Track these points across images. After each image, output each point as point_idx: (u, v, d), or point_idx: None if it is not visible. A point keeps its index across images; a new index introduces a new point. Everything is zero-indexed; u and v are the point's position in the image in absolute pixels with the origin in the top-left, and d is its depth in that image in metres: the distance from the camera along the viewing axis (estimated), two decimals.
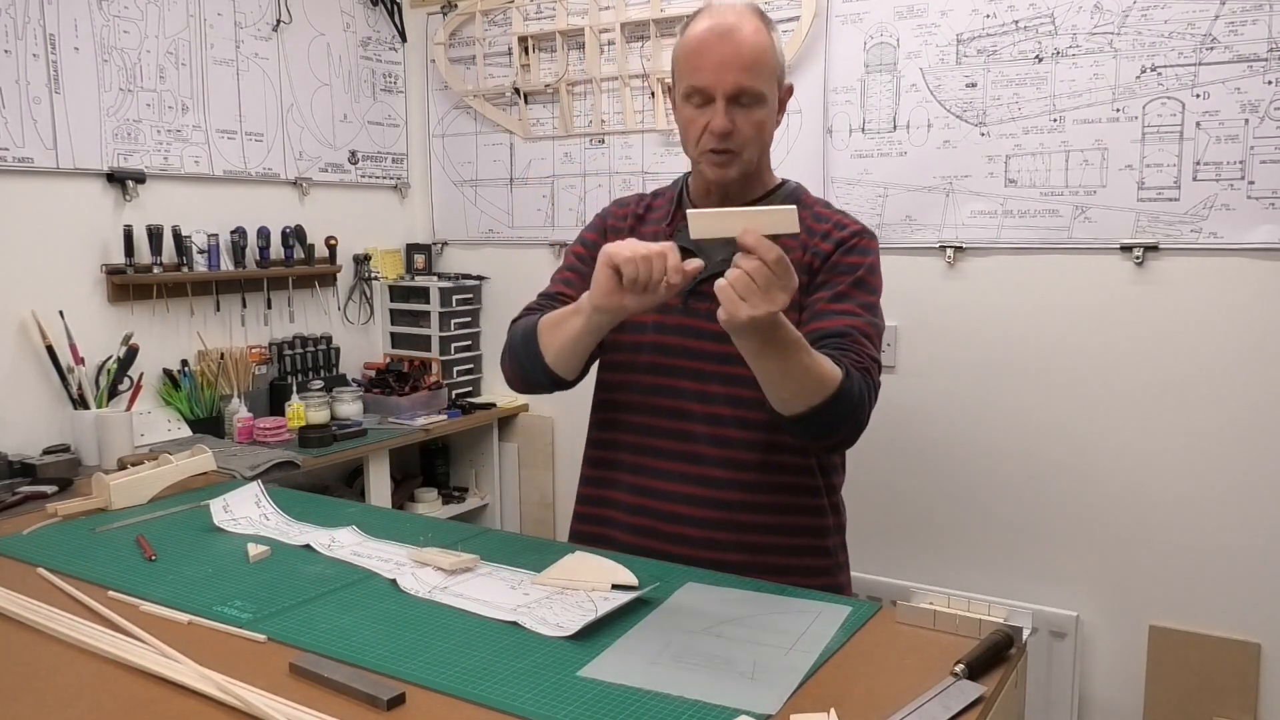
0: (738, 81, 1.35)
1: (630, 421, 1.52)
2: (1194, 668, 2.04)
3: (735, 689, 0.98)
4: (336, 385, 2.72)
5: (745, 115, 1.37)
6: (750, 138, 1.39)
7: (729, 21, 1.37)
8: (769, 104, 1.39)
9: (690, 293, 1.39)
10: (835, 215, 1.48)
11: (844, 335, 1.36)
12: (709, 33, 1.37)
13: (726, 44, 1.36)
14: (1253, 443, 1.98)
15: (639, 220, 1.56)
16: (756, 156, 1.43)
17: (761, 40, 1.37)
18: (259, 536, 1.49)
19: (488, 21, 2.90)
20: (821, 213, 1.48)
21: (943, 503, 2.32)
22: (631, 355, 1.51)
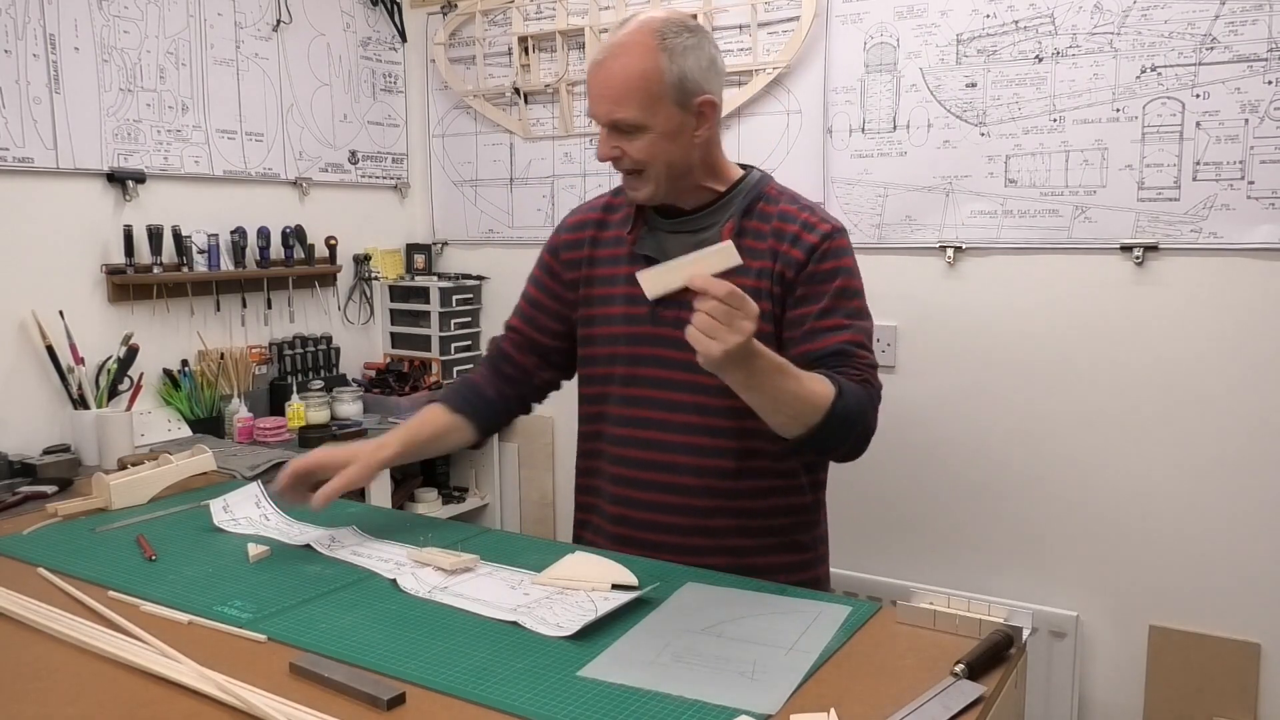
0: (609, 113, 1.37)
1: (609, 433, 1.54)
2: (1194, 668, 2.04)
3: (735, 689, 0.98)
4: (336, 385, 2.72)
5: (629, 142, 1.38)
6: (642, 161, 1.39)
7: (612, 45, 1.38)
8: (653, 130, 1.37)
9: (658, 302, 1.40)
10: (802, 215, 1.44)
11: (838, 354, 1.38)
12: (593, 62, 1.40)
13: (598, 74, 1.38)
14: (1253, 442, 1.98)
15: (599, 229, 1.55)
16: (664, 177, 1.41)
17: (637, 67, 1.35)
18: (259, 536, 1.49)
19: (488, 21, 2.90)
20: (787, 211, 1.45)
21: (942, 503, 2.32)
22: (606, 368, 1.52)
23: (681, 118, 1.38)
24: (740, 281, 1.37)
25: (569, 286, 1.56)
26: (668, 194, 1.44)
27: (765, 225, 1.44)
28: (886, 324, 2.32)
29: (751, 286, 1.38)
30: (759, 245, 1.42)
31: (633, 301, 1.46)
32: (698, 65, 1.38)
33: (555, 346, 1.60)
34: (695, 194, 1.46)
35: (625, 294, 1.48)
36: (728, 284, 1.13)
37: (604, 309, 1.51)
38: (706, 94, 1.39)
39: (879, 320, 1.62)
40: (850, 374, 1.36)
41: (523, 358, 1.61)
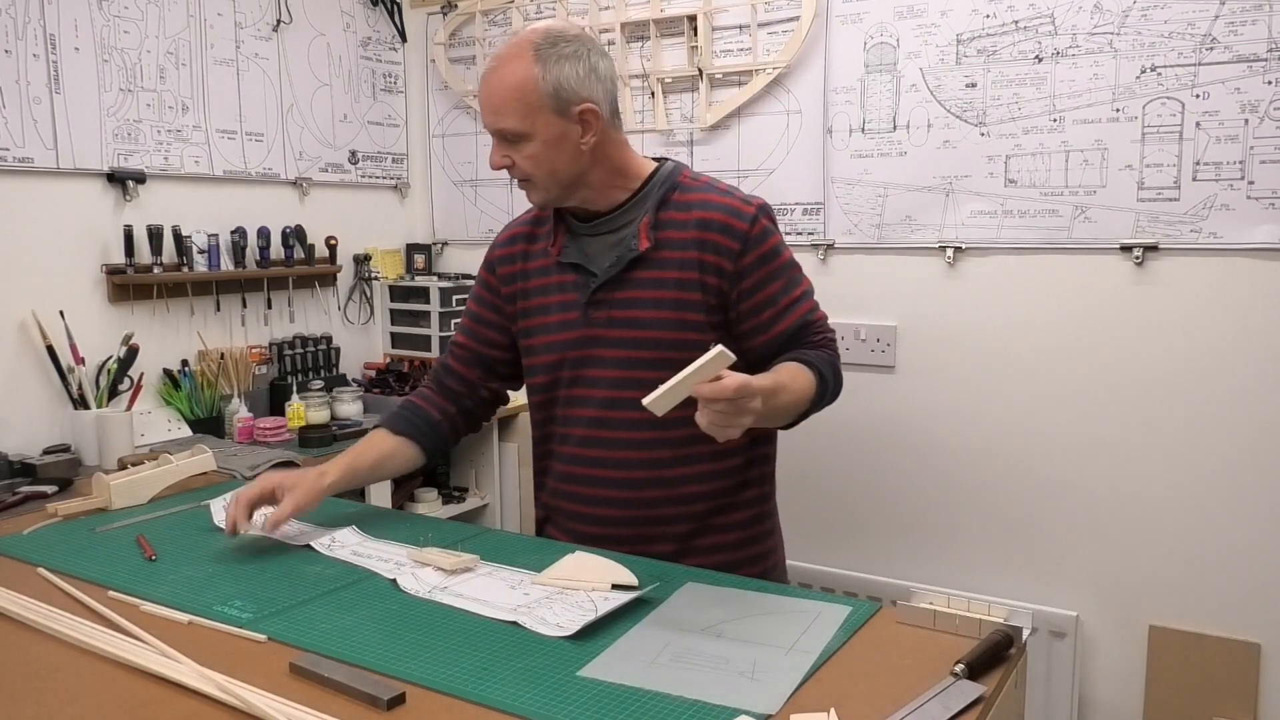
0: (492, 123, 1.42)
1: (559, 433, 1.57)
2: (1194, 668, 2.04)
3: (735, 689, 0.98)
4: (337, 385, 2.72)
5: (516, 151, 1.42)
6: (529, 171, 1.43)
7: (492, 59, 1.43)
8: (535, 138, 1.40)
9: (588, 303, 1.47)
10: (723, 200, 1.47)
11: (803, 327, 1.47)
12: (483, 74, 1.44)
13: (485, 86, 1.42)
14: (1253, 442, 1.98)
15: (529, 242, 1.59)
16: (553, 184, 1.44)
17: (514, 78, 1.39)
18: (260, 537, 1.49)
19: (488, 21, 2.90)
20: (708, 199, 1.47)
21: (942, 502, 2.32)
22: (550, 374, 1.55)
23: (563, 126, 1.41)
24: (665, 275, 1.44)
25: (507, 300, 1.59)
26: (564, 198, 1.47)
27: (684, 214, 1.46)
28: (886, 324, 2.32)
29: (675, 278, 1.44)
30: (682, 235, 1.45)
31: (566, 308, 1.51)
32: (574, 74, 1.40)
33: (499, 358, 1.63)
34: (605, 195, 1.49)
35: (559, 302, 1.52)
36: (732, 383, 1.14)
37: (541, 319, 1.55)
38: (586, 101, 1.41)
39: (879, 320, 1.63)
40: (815, 340, 1.47)
41: (468, 371, 1.64)
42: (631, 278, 1.46)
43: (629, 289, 1.46)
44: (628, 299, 1.46)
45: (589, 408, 1.51)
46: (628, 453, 1.49)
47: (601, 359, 1.49)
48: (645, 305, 1.45)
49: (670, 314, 1.44)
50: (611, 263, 1.47)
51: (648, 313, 1.45)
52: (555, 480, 1.58)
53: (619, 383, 1.47)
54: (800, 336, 1.47)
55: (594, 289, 1.48)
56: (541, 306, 1.55)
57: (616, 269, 1.46)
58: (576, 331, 1.50)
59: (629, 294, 1.46)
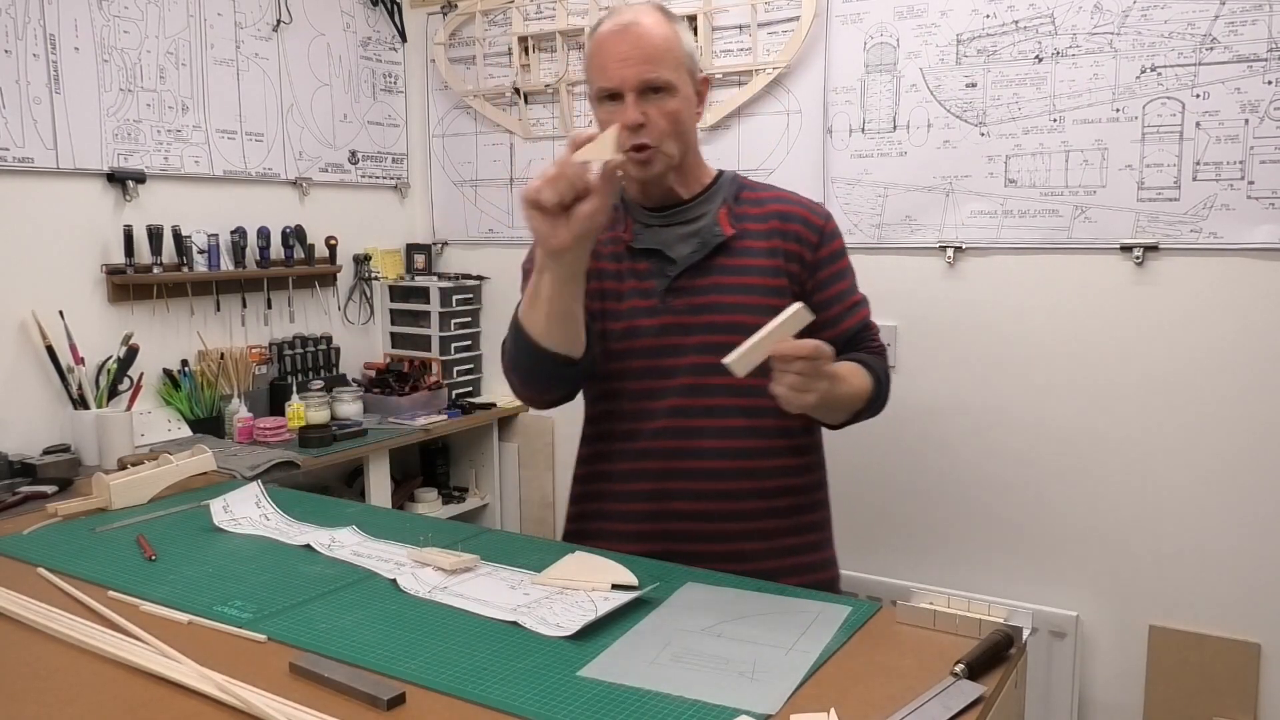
0: (641, 74, 1.36)
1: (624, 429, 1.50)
2: (1194, 668, 2.04)
3: (735, 689, 0.98)
4: (336, 385, 2.72)
5: (656, 106, 1.38)
6: (665, 130, 1.39)
7: (626, 19, 1.40)
8: (680, 92, 1.39)
9: (666, 290, 1.44)
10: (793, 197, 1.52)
11: (864, 328, 1.51)
12: (609, 34, 1.40)
13: (626, 39, 1.38)
14: (1253, 442, 1.98)
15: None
16: (679, 150, 1.42)
17: (662, 31, 1.39)
18: (260, 537, 1.49)
19: (488, 21, 2.90)
20: (779, 194, 1.52)
21: (942, 502, 2.32)
22: (620, 363, 1.48)
23: (692, 90, 1.42)
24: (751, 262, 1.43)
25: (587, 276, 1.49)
26: (675, 170, 1.45)
27: (759, 208, 1.48)
28: (886, 324, 2.31)
29: (760, 265, 1.44)
30: (762, 226, 1.46)
31: (643, 295, 1.47)
32: (693, 45, 1.43)
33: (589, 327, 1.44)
34: (687, 182, 1.48)
35: (632, 288, 1.48)
36: (809, 343, 1.16)
37: (613, 304, 1.49)
38: (703, 72, 1.42)
39: (879, 320, 1.63)
40: (871, 346, 1.51)
41: None
42: (714, 264, 1.44)
43: (712, 275, 1.44)
44: (711, 285, 1.44)
45: (668, 397, 1.45)
46: (713, 441, 1.44)
47: (681, 346, 1.44)
48: (730, 290, 1.43)
49: (758, 299, 1.41)
50: (693, 249, 1.45)
51: (733, 298, 1.42)
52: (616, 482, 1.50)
53: (703, 369, 1.41)
54: (861, 338, 1.50)
55: (674, 276, 1.44)
56: (615, 291, 1.49)
57: (699, 255, 1.44)
58: (655, 319, 1.45)
59: (712, 280, 1.44)
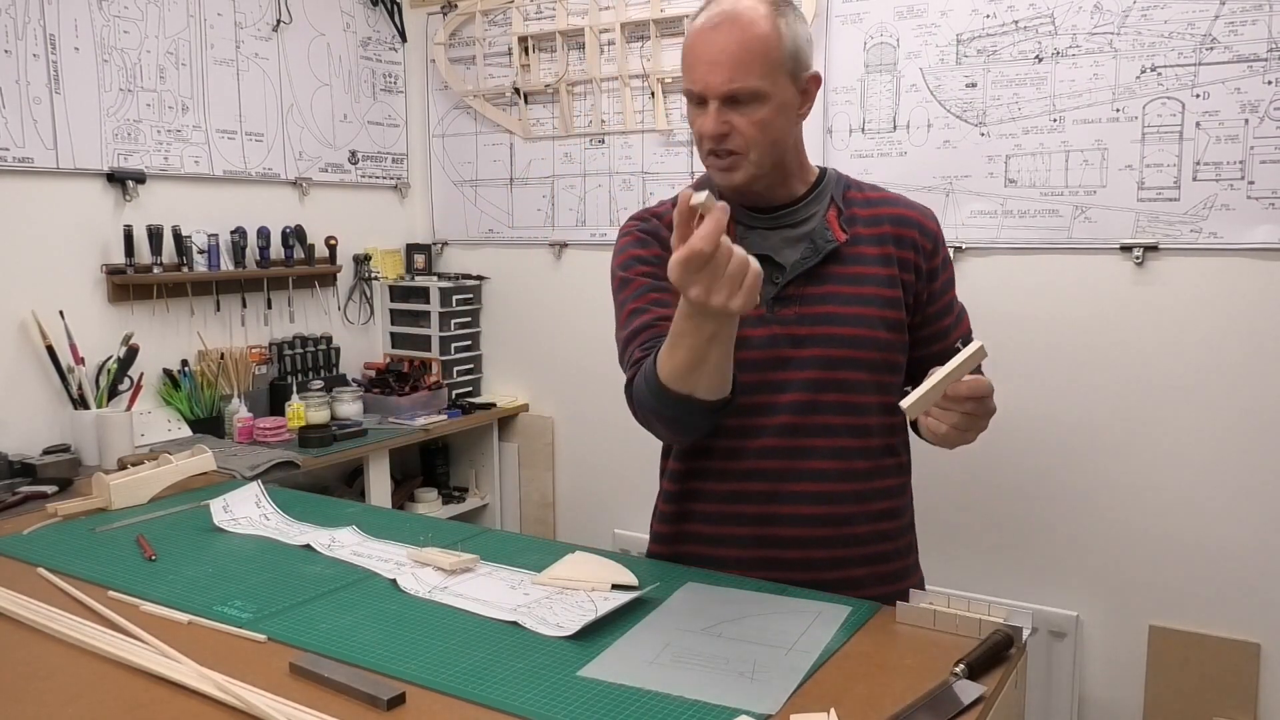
0: (727, 81, 1.24)
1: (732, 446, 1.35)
2: (1194, 668, 2.04)
3: (735, 689, 0.98)
4: (336, 385, 2.72)
5: (744, 116, 1.26)
6: (753, 139, 1.27)
7: (724, 12, 1.25)
8: (771, 100, 1.25)
9: (775, 299, 1.32)
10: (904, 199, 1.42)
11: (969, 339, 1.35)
12: (702, 29, 1.27)
13: (715, 40, 1.25)
14: (1252, 442, 1.98)
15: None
16: (768, 158, 1.29)
17: (757, 31, 1.24)
18: (260, 537, 1.49)
19: (488, 21, 2.90)
20: (888, 196, 1.41)
21: (942, 502, 2.32)
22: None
23: (793, 92, 1.29)
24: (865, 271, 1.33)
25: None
26: (763, 180, 1.32)
27: (870, 211, 1.37)
28: None
29: (875, 274, 1.33)
30: (876, 231, 1.35)
31: None
32: (806, 37, 1.29)
33: None
34: (788, 184, 1.36)
35: None
36: (982, 383, 1.13)
37: None
38: (813, 69, 1.31)
39: None
40: None
41: None
42: (825, 272, 1.32)
43: (825, 284, 1.32)
44: (824, 294, 1.32)
45: (778, 414, 1.32)
46: (824, 462, 1.33)
47: (793, 359, 1.32)
48: (845, 301, 1.32)
49: (874, 311, 1.32)
50: (804, 255, 1.33)
51: (850, 309, 1.32)
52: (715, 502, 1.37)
53: (816, 384, 1.31)
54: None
55: (784, 284, 1.32)
56: None
57: (811, 262, 1.32)
58: (760, 330, 1.31)
59: (826, 289, 1.32)
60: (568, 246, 2.86)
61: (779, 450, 1.33)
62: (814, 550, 1.34)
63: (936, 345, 1.38)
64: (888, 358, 1.35)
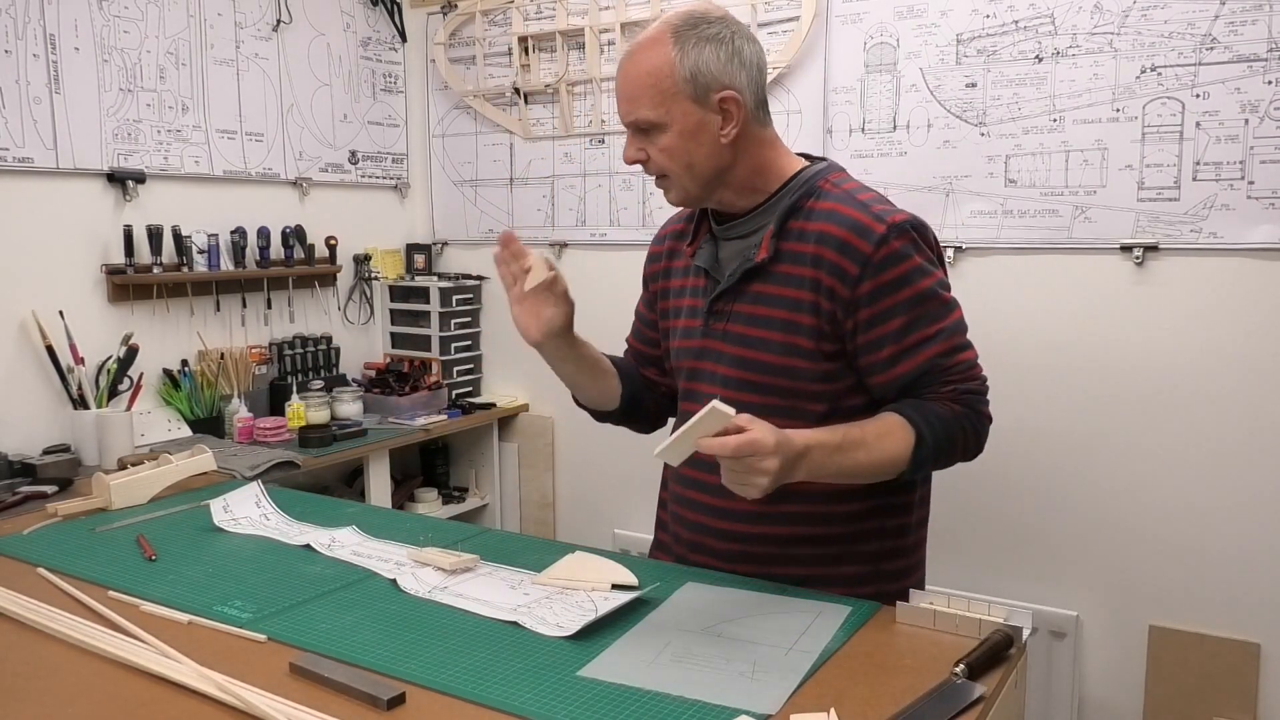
0: (627, 113, 1.31)
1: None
2: (1194, 668, 2.04)
3: (735, 689, 0.98)
4: (336, 385, 2.72)
5: (651, 143, 1.30)
6: (665, 165, 1.30)
7: (630, 47, 1.33)
8: (671, 128, 1.28)
9: (709, 313, 1.37)
10: (852, 214, 1.27)
11: (927, 373, 1.27)
12: (619, 62, 1.35)
13: (619, 75, 1.33)
14: (1252, 442, 1.98)
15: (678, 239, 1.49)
16: (691, 181, 1.31)
17: (647, 65, 1.28)
18: (260, 537, 1.49)
19: (488, 21, 2.90)
20: (837, 210, 1.28)
21: (942, 503, 2.31)
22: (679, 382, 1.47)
23: (701, 115, 1.27)
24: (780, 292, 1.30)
25: (656, 297, 1.52)
26: (703, 198, 1.35)
27: (809, 225, 1.29)
28: None
29: (789, 296, 1.29)
30: (801, 248, 1.29)
31: (693, 314, 1.41)
32: (715, 58, 1.27)
33: (660, 356, 1.55)
34: (744, 196, 1.35)
35: (688, 306, 1.43)
36: (733, 441, 1.08)
37: (674, 321, 1.46)
38: (727, 89, 1.27)
39: None
40: (941, 392, 1.27)
41: (645, 371, 1.57)
42: (749, 290, 1.33)
43: (745, 302, 1.34)
44: (743, 313, 1.34)
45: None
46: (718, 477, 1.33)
47: (712, 373, 1.37)
48: (757, 323, 1.33)
49: (779, 336, 1.31)
50: (733, 270, 1.35)
51: (758, 331, 1.32)
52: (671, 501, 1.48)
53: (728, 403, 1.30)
54: (924, 384, 1.27)
55: (714, 297, 1.37)
56: (675, 309, 1.46)
57: (734, 279, 1.34)
58: (696, 340, 1.40)
59: (745, 308, 1.34)
60: (568, 246, 2.86)
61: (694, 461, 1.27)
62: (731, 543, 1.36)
63: (877, 376, 1.29)
64: (797, 385, 1.30)
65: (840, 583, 1.32)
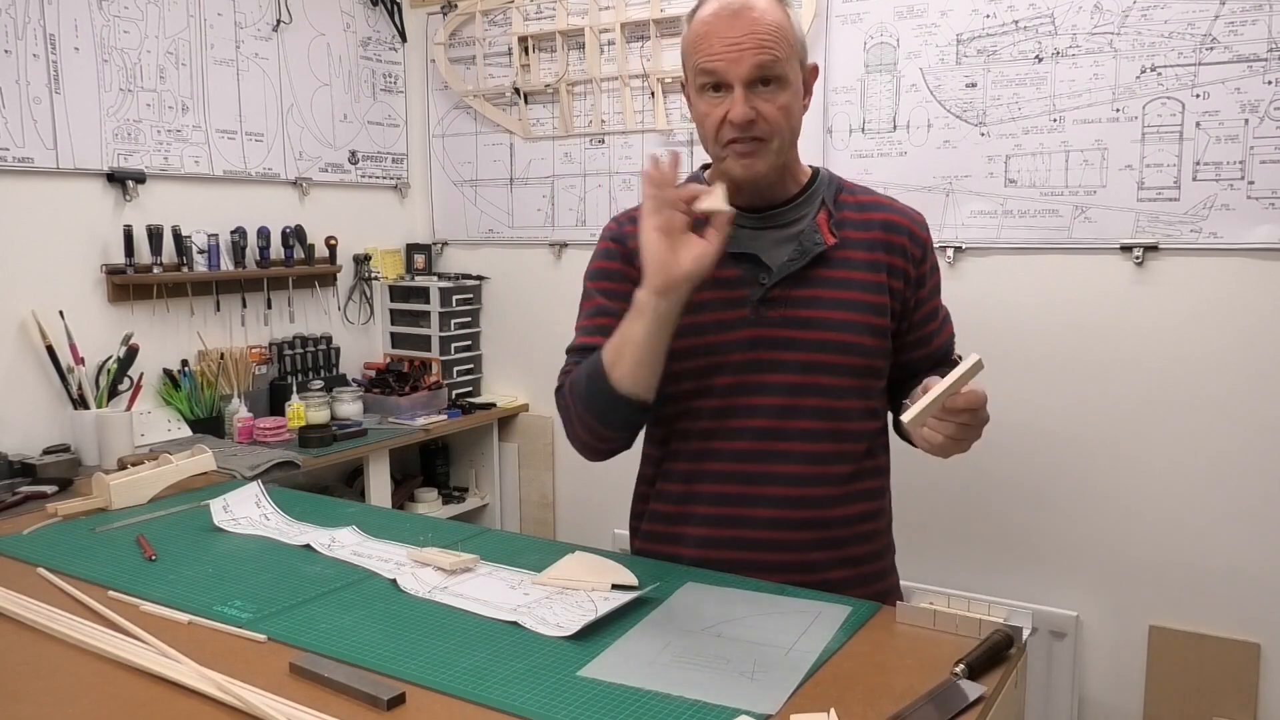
0: (755, 63, 1.22)
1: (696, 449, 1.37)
2: (1194, 668, 2.04)
3: (735, 689, 0.98)
4: (336, 385, 2.72)
5: (768, 100, 1.24)
6: (777, 125, 1.26)
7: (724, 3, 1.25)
8: (793, 85, 1.26)
9: (760, 301, 1.32)
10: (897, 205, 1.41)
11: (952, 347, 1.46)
12: (719, 13, 1.25)
13: (738, 23, 1.23)
14: (1252, 442, 1.98)
15: None
16: (789, 146, 1.30)
17: (777, 15, 1.25)
18: (260, 537, 1.49)
19: (488, 21, 2.90)
20: (881, 201, 1.40)
21: (943, 503, 2.32)
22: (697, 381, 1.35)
23: (801, 81, 1.29)
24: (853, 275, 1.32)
25: None
26: (780, 169, 1.33)
27: (861, 214, 1.36)
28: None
29: (863, 279, 1.33)
30: (866, 235, 1.35)
31: (729, 305, 1.33)
32: (802, 29, 1.31)
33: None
34: (783, 183, 1.35)
35: (717, 298, 1.32)
36: (979, 395, 1.12)
37: (689, 317, 1.28)
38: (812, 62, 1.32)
39: None
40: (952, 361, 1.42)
41: None
42: (813, 275, 1.32)
43: (812, 287, 1.31)
44: (810, 298, 1.31)
45: (758, 417, 1.32)
46: (803, 467, 1.32)
47: (776, 362, 1.32)
48: (831, 305, 1.31)
49: (859, 316, 1.32)
50: (791, 257, 1.32)
51: (835, 313, 1.31)
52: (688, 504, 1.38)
53: (797, 389, 1.31)
54: (948, 357, 1.43)
55: (770, 285, 1.31)
56: (694, 302, 1.26)
57: (798, 264, 1.31)
58: (743, 331, 1.32)
59: (812, 293, 1.31)
60: (568, 246, 2.86)
61: (756, 454, 1.33)
62: (786, 554, 1.33)
63: (921, 350, 1.40)
64: (871, 364, 1.36)
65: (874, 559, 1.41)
